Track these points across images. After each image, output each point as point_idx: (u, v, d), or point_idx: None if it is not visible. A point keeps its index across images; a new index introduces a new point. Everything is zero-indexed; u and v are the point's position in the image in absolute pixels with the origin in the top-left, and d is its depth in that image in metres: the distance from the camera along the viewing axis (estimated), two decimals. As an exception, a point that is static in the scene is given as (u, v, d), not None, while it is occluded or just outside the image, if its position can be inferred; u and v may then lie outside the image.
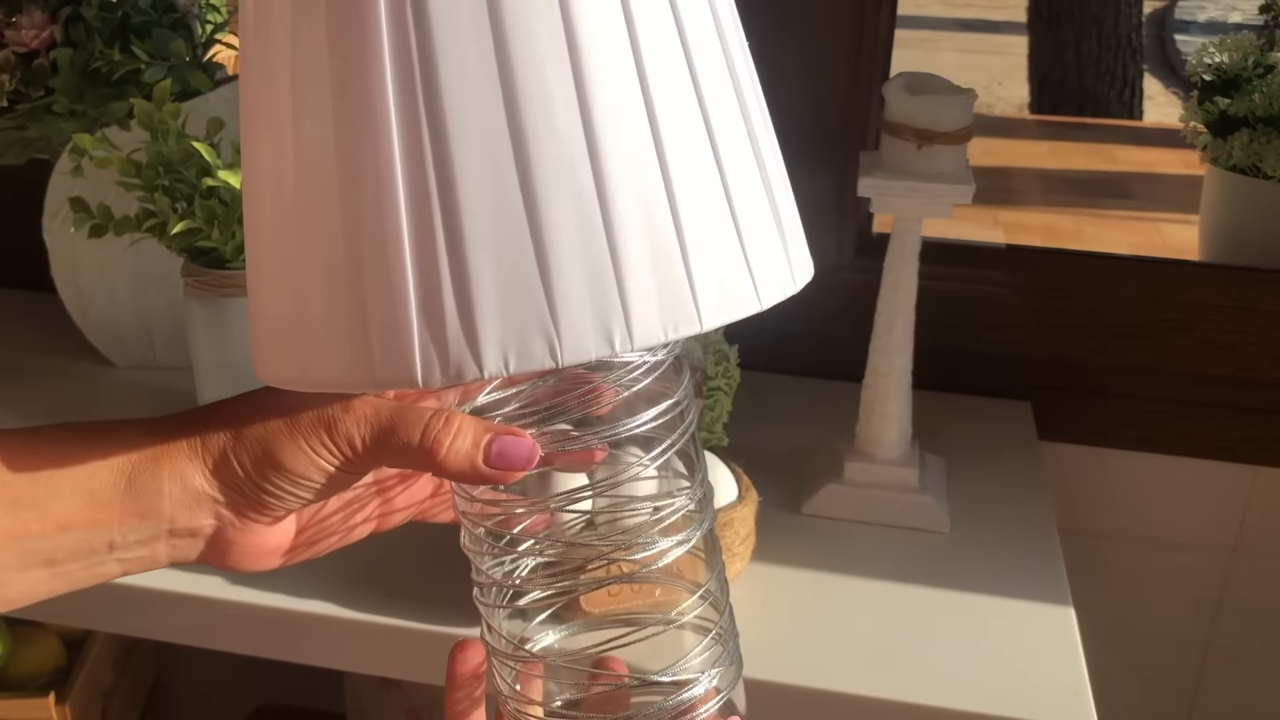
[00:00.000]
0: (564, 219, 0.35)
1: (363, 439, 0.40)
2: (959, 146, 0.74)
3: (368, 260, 0.36)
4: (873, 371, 0.80)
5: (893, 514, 0.80)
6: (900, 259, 0.77)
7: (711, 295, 0.37)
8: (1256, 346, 0.95)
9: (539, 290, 0.36)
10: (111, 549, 0.41)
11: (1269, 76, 1.11)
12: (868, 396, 0.81)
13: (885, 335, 0.79)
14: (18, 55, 0.89)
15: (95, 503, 0.41)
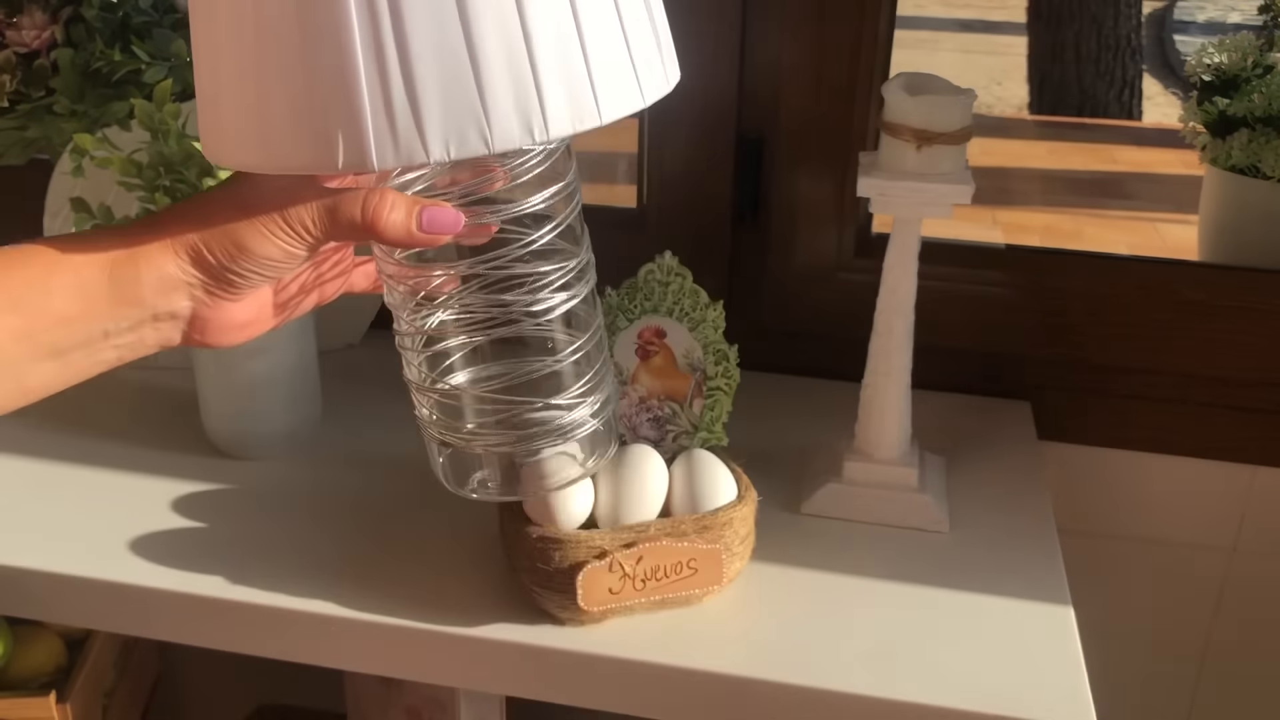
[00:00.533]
0: (491, 34, 0.46)
1: (313, 220, 0.49)
2: (958, 147, 0.74)
3: (326, 67, 0.45)
4: (872, 371, 0.80)
5: (892, 514, 0.80)
6: (900, 259, 0.77)
7: (608, 96, 0.48)
8: (1255, 346, 0.95)
9: (473, 91, 0.46)
10: (106, 337, 0.50)
11: (1268, 77, 1.11)
12: (867, 396, 0.81)
13: (885, 335, 0.79)
14: (18, 55, 0.89)
15: (86, 298, 0.48)
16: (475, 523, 0.78)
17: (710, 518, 0.68)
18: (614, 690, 0.68)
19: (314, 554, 0.75)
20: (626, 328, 0.74)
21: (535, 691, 0.69)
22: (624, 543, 0.66)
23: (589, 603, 0.66)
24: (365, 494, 0.83)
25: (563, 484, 0.58)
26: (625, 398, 0.75)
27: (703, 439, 0.75)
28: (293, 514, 0.80)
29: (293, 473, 0.85)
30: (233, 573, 0.73)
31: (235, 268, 0.49)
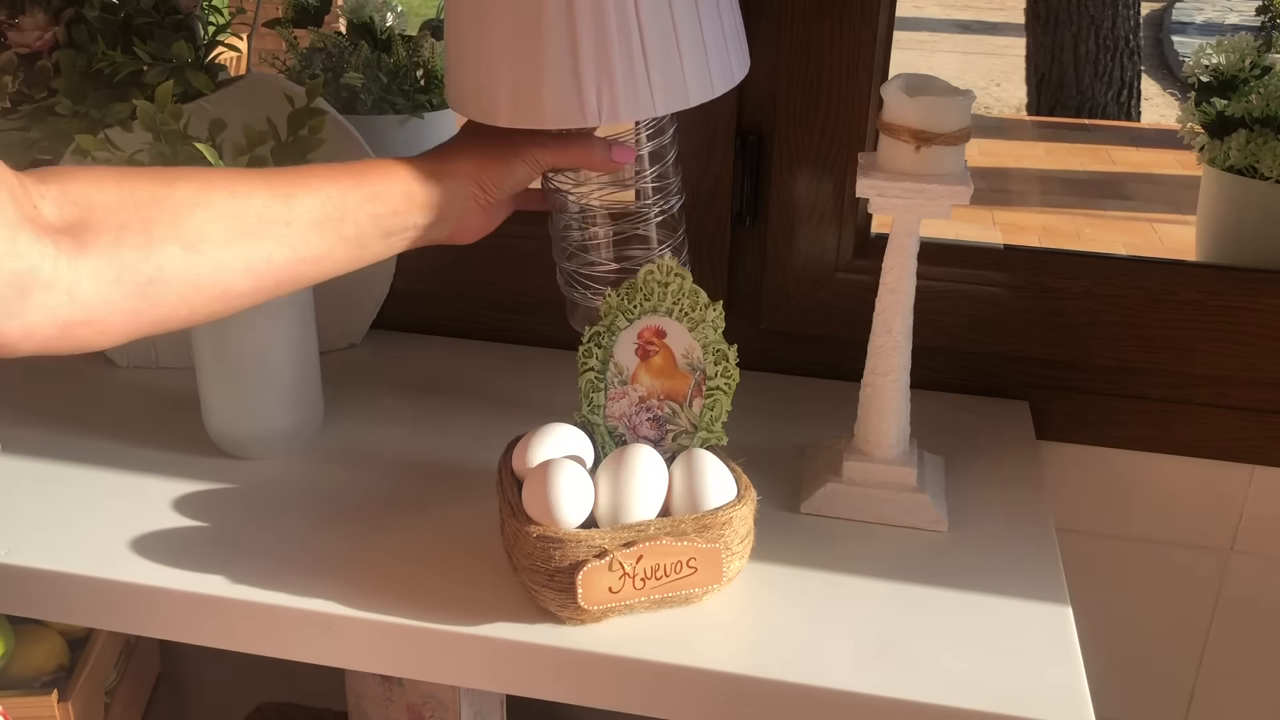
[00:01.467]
0: (685, 21, 0.71)
1: (550, 155, 0.75)
2: (957, 147, 0.74)
3: (589, 49, 0.70)
4: (871, 371, 0.80)
5: (891, 513, 0.80)
6: (899, 259, 0.77)
7: (711, 78, 0.74)
8: (1253, 346, 0.95)
9: (677, 64, 0.72)
10: (413, 228, 0.72)
11: (1266, 78, 1.11)
12: (866, 396, 0.81)
13: (884, 335, 0.79)
14: (20, 56, 0.89)
15: (410, 198, 0.71)
16: (475, 522, 0.79)
17: (710, 517, 0.68)
18: (614, 689, 0.68)
19: (314, 553, 0.76)
20: (626, 328, 0.75)
21: (535, 690, 0.69)
22: (624, 542, 0.66)
23: (589, 602, 0.67)
24: (365, 494, 0.83)
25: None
26: (625, 398, 0.75)
27: (702, 439, 0.75)
28: (293, 514, 0.80)
29: (293, 473, 0.85)
30: (233, 572, 0.73)
31: (503, 182, 0.74)
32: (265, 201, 0.65)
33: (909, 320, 0.79)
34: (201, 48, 0.94)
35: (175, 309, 0.62)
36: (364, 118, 1.19)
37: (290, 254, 0.66)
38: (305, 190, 0.67)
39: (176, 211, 0.62)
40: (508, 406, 0.95)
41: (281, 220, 0.65)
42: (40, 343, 0.58)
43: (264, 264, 0.65)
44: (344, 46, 1.21)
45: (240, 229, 0.64)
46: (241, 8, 1.02)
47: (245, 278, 0.65)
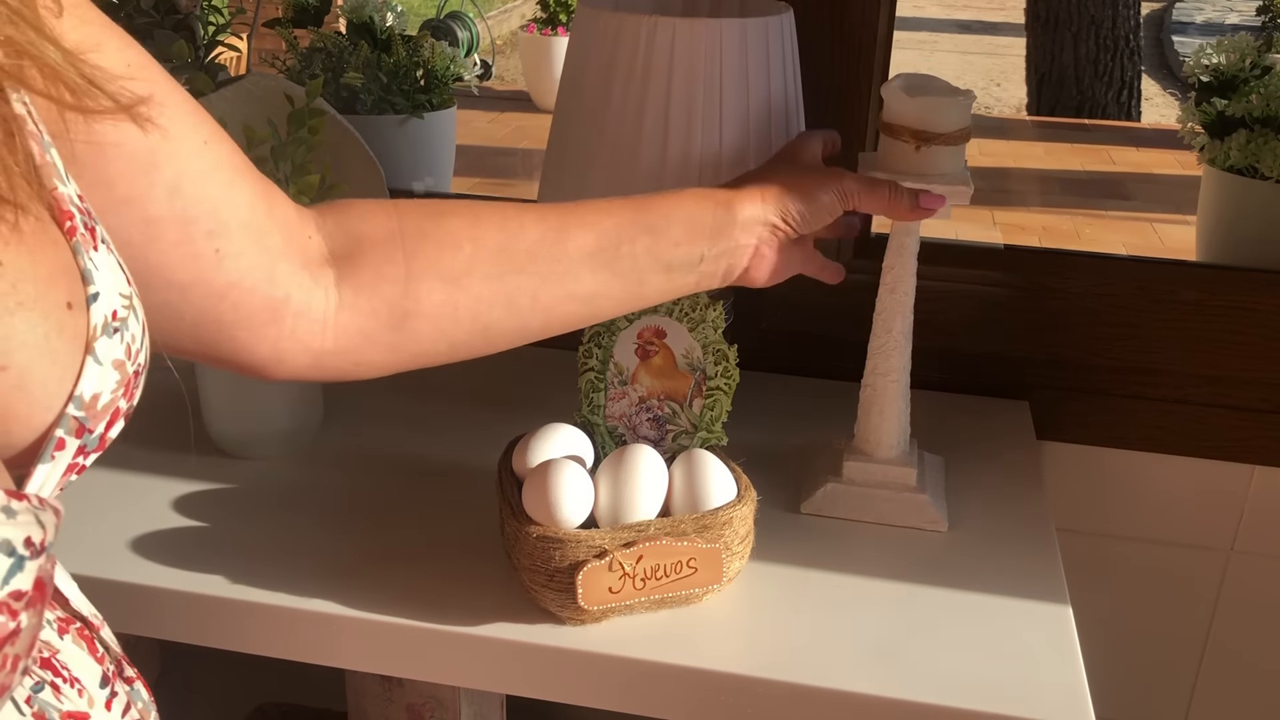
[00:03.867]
0: None
1: (856, 190, 0.70)
2: (957, 147, 0.74)
3: None
4: (871, 371, 0.80)
5: (891, 513, 0.80)
6: (898, 260, 0.77)
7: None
8: (1253, 346, 0.95)
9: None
10: (701, 260, 0.66)
11: (1266, 78, 1.11)
12: (866, 396, 0.81)
13: (884, 335, 0.79)
14: (20, 56, 0.89)
15: (694, 230, 0.65)
16: (475, 522, 0.79)
17: (710, 517, 0.68)
18: (614, 689, 0.68)
19: (314, 554, 0.76)
20: (626, 328, 0.75)
21: (535, 690, 0.69)
22: (624, 542, 0.66)
23: (589, 602, 0.67)
24: (365, 494, 0.83)
25: None
26: (625, 398, 0.75)
27: (702, 439, 0.75)
28: (293, 514, 0.80)
29: (293, 473, 0.85)
30: (234, 572, 0.73)
31: (806, 212, 0.68)
32: (536, 236, 0.62)
33: (909, 320, 0.79)
34: (201, 48, 0.94)
35: (434, 344, 0.61)
36: (364, 117, 1.19)
37: (559, 291, 0.63)
38: (579, 224, 0.63)
39: (441, 245, 0.60)
40: (508, 406, 0.95)
41: (550, 256, 0.62)
42: (294, 369, 0.58)
43: (529, 301, 0.62)
44: (344, 46, 1.21)
45: (506, 265, 0.61)
46: (241, 8, 1.02)
47: (508, 314, 0.62)
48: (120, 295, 0.43)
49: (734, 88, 0.79)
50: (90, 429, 0.42)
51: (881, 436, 0.80)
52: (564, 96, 0.85)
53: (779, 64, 0.81)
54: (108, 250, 0.43)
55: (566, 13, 2.23)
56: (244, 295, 0.54)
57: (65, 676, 0.45)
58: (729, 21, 0.78)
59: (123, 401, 0.44)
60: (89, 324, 0.41)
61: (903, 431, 0.81)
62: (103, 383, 0.42)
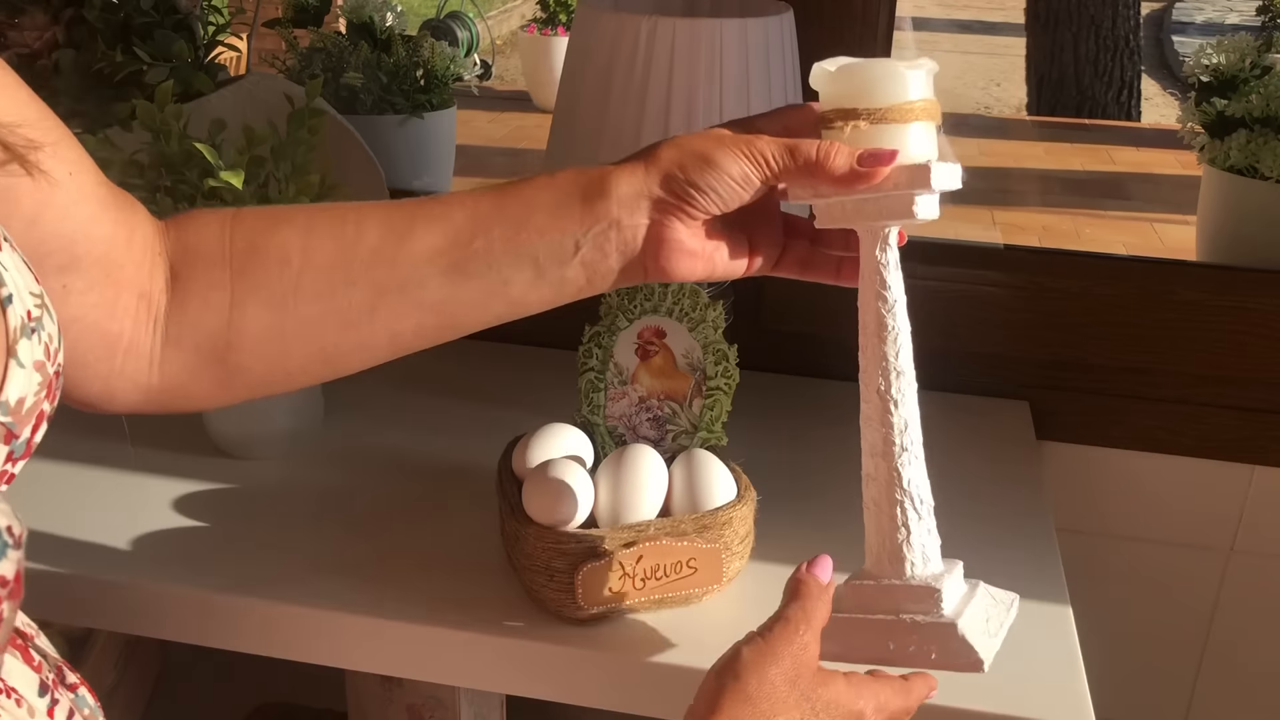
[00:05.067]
0: None
1: (775, 153, 0.54)
2: (911, 127, 0.55)
3: None
4: (868, 455, 0.57)
5: (914, 653, 0.57)
6: (871, 295, 0.55)
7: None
8: (1253, 346, 0.95)
9: None
10: (577, 249, 0.55)
11: (1266, 77, 1.11)
12: (869, 498, 0.58)
13: (871, 402, 0.56)
14: (20, 57, 0.89)
15: (560, 213, 0.55)
16: (475, 522, 0.78)
17: (710, 517, 0.68)
18: (614, 689, 0.68)
19: (314, 554, 0.76)
20: (626, 328, 0.75)
21: (535, 690, 0.69)
22: (624, 542, 0.66)
23: (589, 602, 0.67)
24: (366, 494, 0.83)
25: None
26: (625, 398, 0.75)
27: (702, 439, 0.75)
28: (294, 514, 0.80)
29: (293, 473, 0.85)
30: (234, 571, 0.73)
31: (700, 180, 0.54)
32: (376, 240, 0.54)
33: (909, 375, 0.56)
34: (201, 47, 0.94)
35: (267, 374, 0.56)
36: (363, 117, 1.19)
37: (402, 302, 0.54)
38: (425, 221, 0.55)
39: (268, 262, 0.54)
40: (508, 406, 0.95)
41: (389, 261, 0.54)
42: (125, 405, 0.56)
43: (366, 316, 0.54)
44: (344, 46, 1.21)
45: (339, 277, 0.54)
46: (241, 8, 1.02)
47: (345, 334, 0.55)
48: (31, 294, 0.41)
49: (734, 88, 0.78)
50: (17, 434, 0.40)
51: (882, 554, 0.57)
52: (564, 96, 0.85)
53: (779, 64, 0.81)
54: (11, 248, 0.42)
55: (566, 13, 2.23)
56: (83, 331, 0.52)
57: (0, 687, 0.43)
58: (729, 21, 0.78)
59: (46, 404, 0.42)
60: (7, 326, 0.39)
61: (923, 547, 0.58)
62: (27, 386, 0.40)
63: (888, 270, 0.55)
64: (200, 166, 0.76)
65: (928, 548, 0.57)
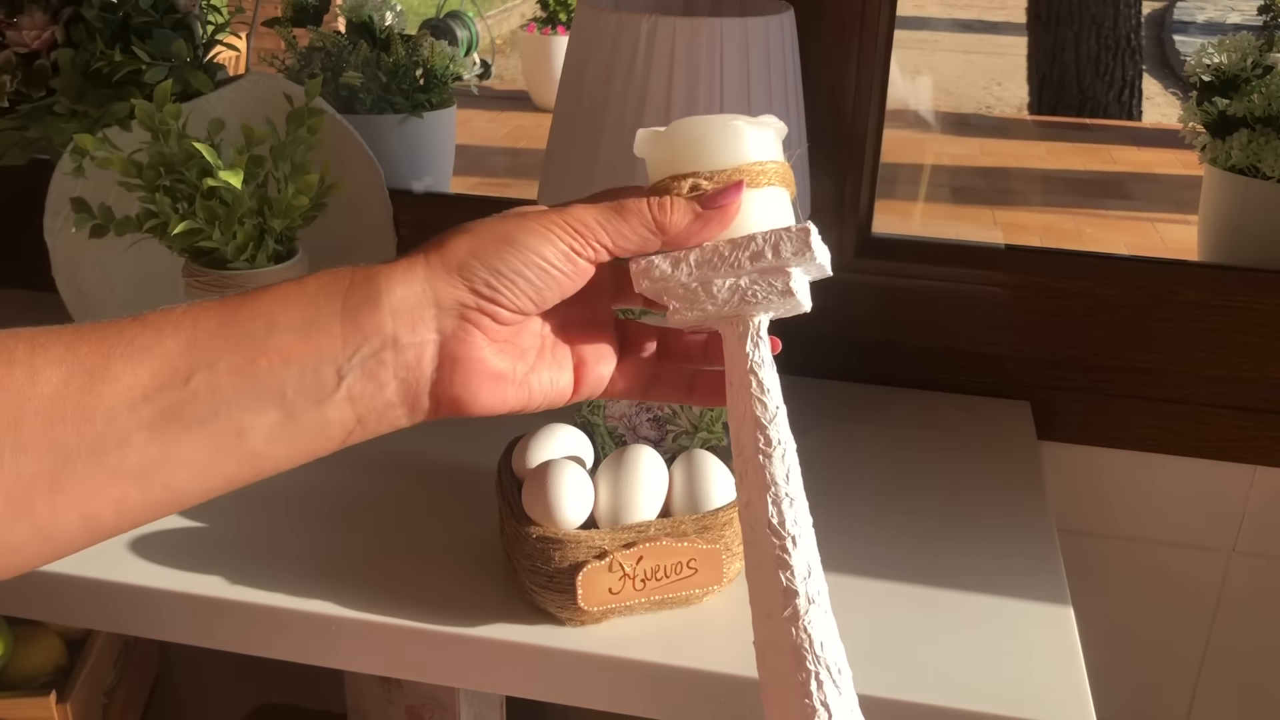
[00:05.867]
0: None
1: (598, 218, 0.43)
2: (764, 190, 0.46)
3: None
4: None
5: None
6: (744, 403, 0.45)
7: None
8: (1255, 346, 0.95)
9: None
10: (340, 379, 0.42)
11: (1267, 77, 1.11)
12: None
13: (765, 618, 0.43)
14: (19, 56, 0.89)
15: (313, 329, 0.41)
16: (475, 523, 0.78)
17: (710, 518, 0.68)
18: (614, 690, 0.68)
19: (314, 554, 0.75)
20: (626, 328, 0.74)
21: (535, 691, 0.69)
22: (624, 543, 0.66)
23: (589, 603, 0.66)
24: (365, 494, 0.83)
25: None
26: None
27: (703, 439, 0.75)
28: (293, 514, 0.80)
29: (293, 473, 0.85)
30: (233, 572, 0.73)
31: (504, 267, 0.42)
32: (57, 385, 0.39)
33: (806, 512, 0.44)
34: (200, 47, 0.94)
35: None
36: (363, 117, 1.19)
37: (96, 472, 0.40)
38: (126, 352, 0.40)
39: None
40: (507, 407, 0.95)
41: (77, 414, 0.39)
42: None
43: (46, 495, 0.39)
44: (343, 46, 1.21)
45: (7, 443, 0.39)
46: (240, 7, 1.01)
47: (15, 525, 0.39)
48: None
49: (734, 87, 0.78)
50: None
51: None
52: (564, 96, 0.85)
53: (779, 63, 0.81)
54: None
55: (566, 12, 2.23)
56: None
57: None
58: (729, 21, 0.77)
59: None
60: None
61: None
62: None
63: (763, 370, 0.45)
64: (199, 166, 0.76)
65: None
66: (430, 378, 0.43)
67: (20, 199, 1.00)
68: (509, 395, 0.45)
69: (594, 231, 0.43)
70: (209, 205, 0.76)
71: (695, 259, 0.45)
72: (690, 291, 0.45)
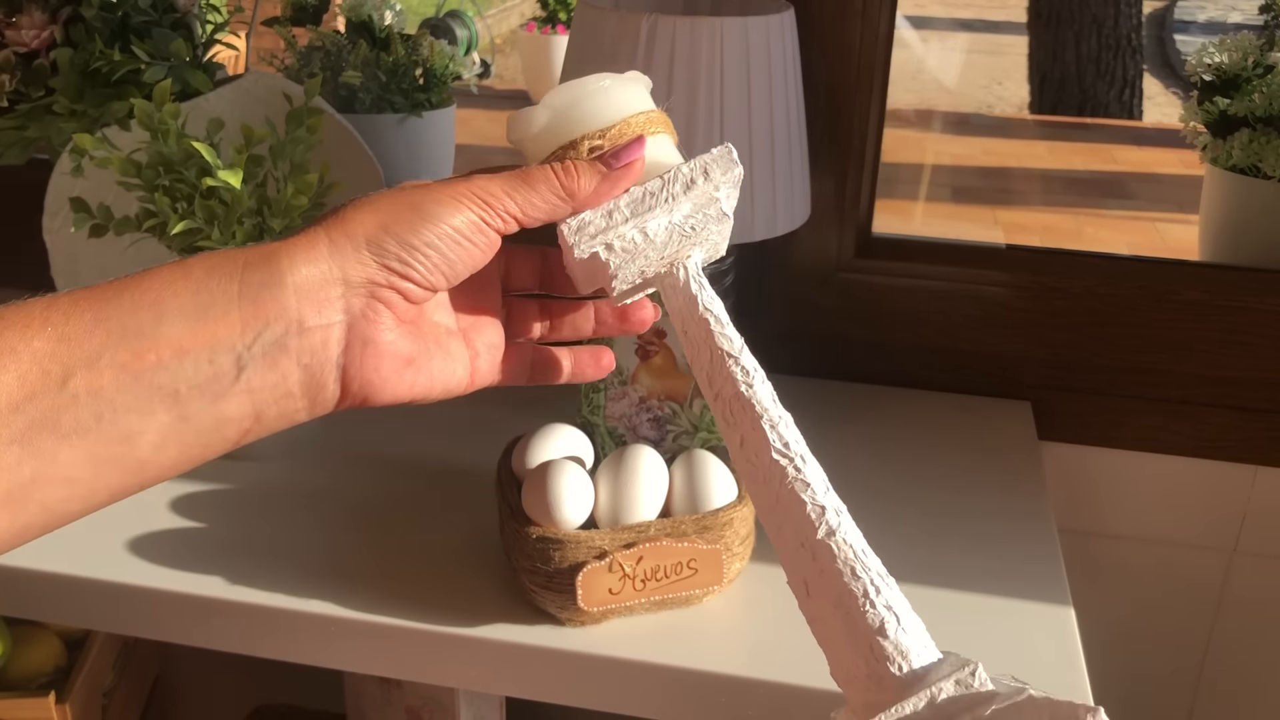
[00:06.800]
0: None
1: (504, 186, 0.42)
2: (656, 138, 0.47)
3: None
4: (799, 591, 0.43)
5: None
6: (699, 343, 0.45)
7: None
8: (1256, 346, 0.95)
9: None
10: (239, 370, 0.38)
11: (1268, 76, 1.11)
12: (811, 613, 0.43)
13: (788, 548, 0.43)
14: (18, 55, 0.89)
15: (207, 316, 0.37)
16: (475, 523, 0.78)
17: (710, 518, 0.68)
18: (614, 690, 0.68)
19: (314, 554, 0.75)
20: (626, 328, 0.74)
21: (535, 691, 0.69)
22: (624, 543, 0.66)
23: (589, 603, 0.66)
24: (365, 494, 0.83)
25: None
26: (625, 398, 0.75)
27: (703, 439, 0.75)
28: (293, 514, 0.80)
29: (293, 473, 0.85)
30: (233, 573, 0.73)
31: (415, 239, 0.40)
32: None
33: (793, 426, 0.44)
34: (199, 46, 0.94)
35: None
36: (362, 116, 1.19)
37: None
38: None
39: None
40: (508, 406, 0.95)
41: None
42: None
43: None
44: (342, 45, 1.21)
45: None
46: (239, 6, 1.01)
47: None
48: None
49: (734, 87, 0.78)
50: None
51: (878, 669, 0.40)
52: (564, 95, 0.84)
53: (780, 63, 0.81)
54: None
55: (566, 11, 2.23)
56: None
57: None
58: (729, 20, 0.77)
59: None
60: None
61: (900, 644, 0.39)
62: None
63: (715, 306, 0.45)
64: (198, 165, 0.76)
65: (916, 624, 0.40)
66: (337, 362, 0.40)
67: (19, 198, 1.00)
68: (417, 381, 0.43)
69: (502, 201, 0.42)
70: (208, 205, 0.76)
71: (626, 204, 0.44)
72: (628, 243, 0.44)
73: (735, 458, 0.43)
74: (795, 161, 0.83)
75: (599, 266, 0.44)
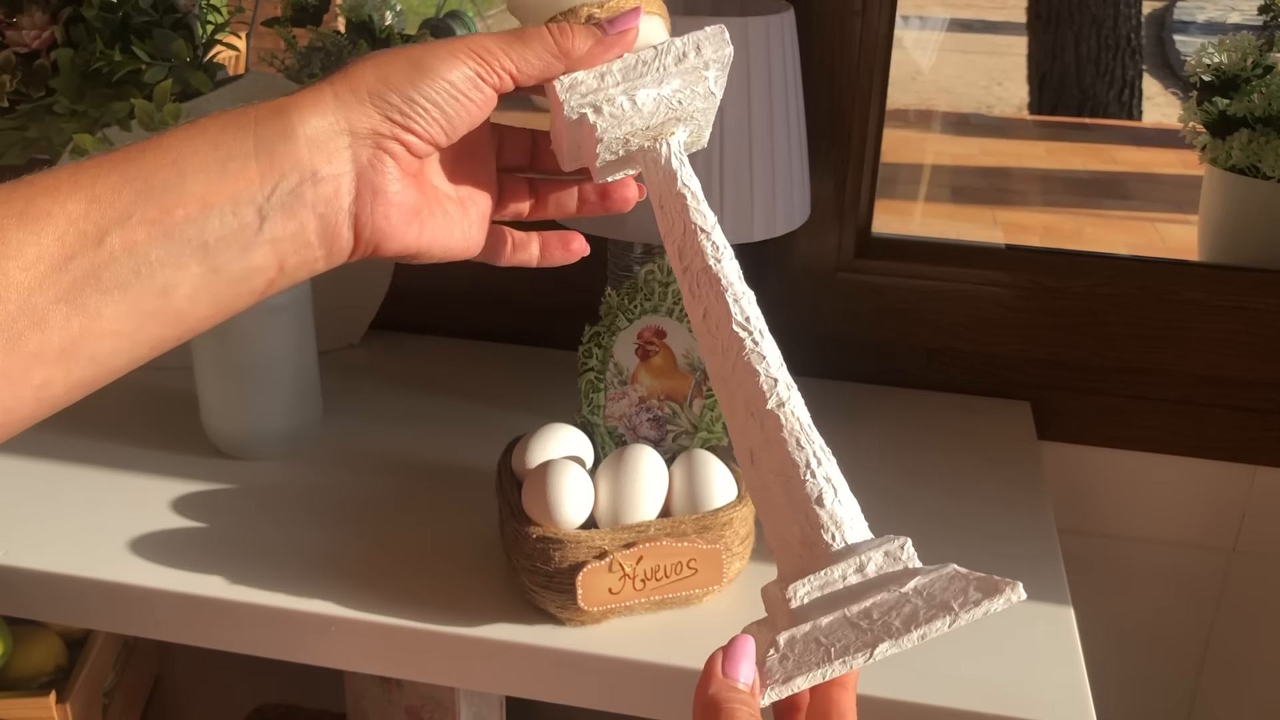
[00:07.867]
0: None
1: (501, 46, 0.43)
2: (652, 18, 0.48)
3: None
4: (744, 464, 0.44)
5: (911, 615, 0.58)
6: (673, 216, 0.46)
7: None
8: (1255, 346, 0.95)
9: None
10: (261, 220, 0.40)
11: (1268, 77, 1.11)
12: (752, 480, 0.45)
13: (736, 413, 0.44)
14: (19, 56, 0.89)
15: (227, 170, 0.39)
16: (475, 523, 0.78)
17: (710, 518, 0.68)
18: (614, 690, 0.68)
19: (314, 554, 0.75)
20: (626, 328, 0.74)
21: (535, 691, 0.69)
22: (624, 543, 0.66)
23: (589, 603, 0.66)
24: (365, 494, 0.83)
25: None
26: (625, 398, 0.75)
27: (703, 439, 0.75)
28: (293, 514, 0.80)
29: (293, 473, 0.85)
30: (233, 573, 0.73)
31: (416, 93, 0.42)
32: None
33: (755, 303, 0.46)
34: (200, 46, 0.94)
35: None
36: (363, 117, 1.19)
37: (12, 358, 0.36)
38: (21, 222, 0.37)
39: None
40: (508, 406, 0.95)
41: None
42: None
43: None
44: (343, 45, 1.21)
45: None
46: (240, 6, 1.01)
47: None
48: None
49: (734, 87, 0.78)
50: None
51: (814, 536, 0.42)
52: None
53: (779, 63, 0.81)
54: None
55: (567, 12, 2.22)
56: None
57: None
58: (730, 20, 0.77)
59: None
60: None
61: (836, 510, 0.42)
62: None
63: (693, 183, 0.46)
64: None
65: (852, 502, 0.43)
66: (349, 210, 0.42)
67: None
68: (423, 232, 0.45)
69: (497, 57, 0.43)
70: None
71: (619, 69, 0.45)
72: (616, 108, 0.45)
73: (697, 329, 0.45)
74: (795, 162, 0.83)
75: (586, 131, 0.45)
